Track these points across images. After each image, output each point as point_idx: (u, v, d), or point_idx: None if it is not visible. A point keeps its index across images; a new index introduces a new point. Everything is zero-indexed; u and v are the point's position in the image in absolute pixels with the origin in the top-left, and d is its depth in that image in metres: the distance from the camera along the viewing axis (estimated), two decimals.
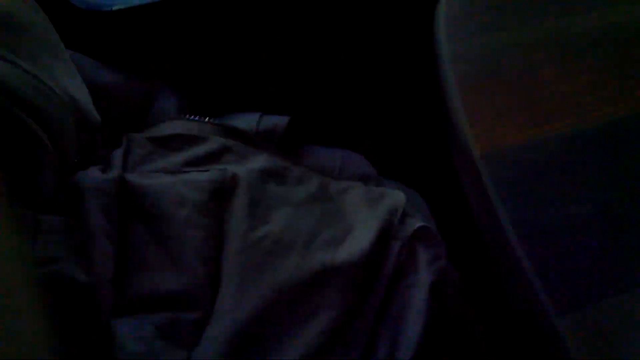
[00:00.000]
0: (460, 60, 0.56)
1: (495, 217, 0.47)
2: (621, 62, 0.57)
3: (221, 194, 0.55)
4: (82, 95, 0.44)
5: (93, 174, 0.52)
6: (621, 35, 0.59)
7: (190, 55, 0.71)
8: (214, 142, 0.60)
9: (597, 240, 0.45)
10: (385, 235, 0.59)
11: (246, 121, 0.67)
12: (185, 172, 0.57)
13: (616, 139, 0.51)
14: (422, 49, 0.62)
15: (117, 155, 0.57)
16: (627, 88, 0.54)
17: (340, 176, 0.70)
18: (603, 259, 0.44)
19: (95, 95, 0.62)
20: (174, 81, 0.67)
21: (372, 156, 0.75)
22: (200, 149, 0.59)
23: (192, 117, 0.64)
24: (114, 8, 0.63)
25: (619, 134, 0.52)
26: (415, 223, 0.62)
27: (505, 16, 0.59)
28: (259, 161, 0.61)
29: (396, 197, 0.66)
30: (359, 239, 0.57)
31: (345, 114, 0.81)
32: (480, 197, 0.50)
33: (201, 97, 0.70)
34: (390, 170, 0.76)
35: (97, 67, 0.63)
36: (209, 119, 0.64)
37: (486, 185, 0.49)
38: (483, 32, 0.58)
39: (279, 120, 0.68)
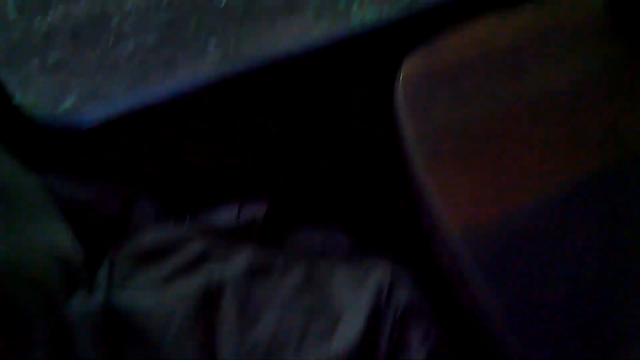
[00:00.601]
0: (423, 139, 0.57)
1: (477, 300, 0.48)
2: (580, 121, 0.59)
3: (209, 302, 0.56)
4: (67, 241, 0.46)
5: (78, 302, 0.53)
6: (576, 92, 0.62)
7: (163, 158, 0.73)
8: (196, 246, 0.61)
9: (582, 318, 0.46)
10: (375, 317, 0.60)
11: (225, 215, 0.68)
12: (170, 282, 0.57)
13: (584, 201, 0.53)
14: (387, 128, 0.64)
15: (102, 274, 0.57)
16: (589, 147, 0.56)
17: (324, 256, 0.71)
18: (591, 336, 0.45)
19: (76, 212, 0.63)
20: (152, 184, 0.68)
21: (354, 229, 0.76)
22: (182, 257, 0.60)
23: (171, 221, 0.64)
24: (85, 128, 0.64)
25: (585, 196, 0.53)
26: (403, 297, 0.63)
27: (461, 89, 0.61)
28: (242, 258, 0.62)
29: (381, 272, 0.67)
30: (350, 327, 0.58)
31: (324, 190, 0.82)
32: (460, 277, 0.51)
33: (179, 195, 0.71)
34: (373, 241, 0.77)
35: (75, 185, 0.63)
36: (188, 219, 0.65)
37: (465, 265, 0.50)
38: (442, 107, 0.60)
39: (258, 209, 0.70)
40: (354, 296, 0.62)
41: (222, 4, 3.28)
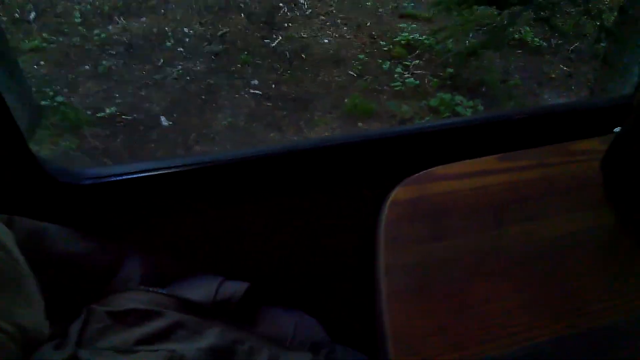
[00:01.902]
0: (394, 271, 0.58)
1: None
2: (548, 283, 0.58)
3: None
4: (34, 320, 0.49)
5: (46, 353, 0.56)
6: (550, 253, 0.61)
7: (155, 224, 0.76)
8: (168, 318, 0.64)
9: None
10: None
11: (205, 289, 0.70)
12: (136, 351, 0.60)
13: None
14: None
15: (74, 328, 0.60)
16: (551, 312, 0.55)
17: (292, 344, 0.73)
18: None
19: (66, 265, 0.67)
20: (142, 246, 0.72)
21: (327, 319, 0.78)
22: (154, 326, 0.62)
23: (151, 288, 0.67)
24: (83, 182, 0.68)
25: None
26: None
27: (444, 225, 0.62)
28: (210, 337, 0.64)
29: None
30: None
31: (303, 279, 0.85)
32: None
33: (165, 262, 0.74)
34: (344, 334, 0.79)
35: (70, 237, 0.67)
36: (167, 290, 0.68)
37: None
38: (421, 241, 0.61)
39: (238, 288, 0.72)
40: None
41: (273, 45, 3.41)
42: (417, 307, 0.55)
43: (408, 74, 3.23)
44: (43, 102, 2.81)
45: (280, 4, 3.68)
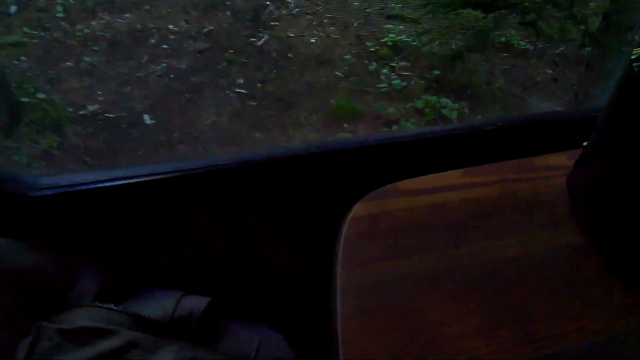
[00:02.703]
0: (349, 291, 0.56)
1: None
2: (503, 306, 0.56)
3: None
4: None
5: None
6: (507, 274, 0.59)
7: (111, 236, 0.74)
8: (122, 336, 0.62)
9: None
10: None
11: (163, 305, 0.69)
12: None
13: None
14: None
15: (22, 348, 0.59)
16: (504, 338, 0.54)
17: (256, 359, 0.72)
18: None
19: (14, 281, 0.64)
20: (97, 260, 0.70)
21: (292, 335, 0.77)
22: (106, 345, 0.61)
23: (106, 305, 0.65)
24: (34, 194, 0.66)
25: None
26: None
27: (403, 243, 0.61)
28: (166, 357, 0.63)
29: None
30: None
31: (267, 293, 0.83)
32: None
33: (122, 277, 0.72)
34: (309, 350, 0.78)
35: (19, 250, 0.65)
36: (122, 306, 0.66)
37: None
38: (378, 259, 0.60)
39: (198, 304, 0.70)
40: None
41: (259, 43, 3.39)
42: (370, 329, 0.54)
43: (394, 75, 3.22)
44: (23, 99, 2.76)
45: (267, 2, 3.65)
